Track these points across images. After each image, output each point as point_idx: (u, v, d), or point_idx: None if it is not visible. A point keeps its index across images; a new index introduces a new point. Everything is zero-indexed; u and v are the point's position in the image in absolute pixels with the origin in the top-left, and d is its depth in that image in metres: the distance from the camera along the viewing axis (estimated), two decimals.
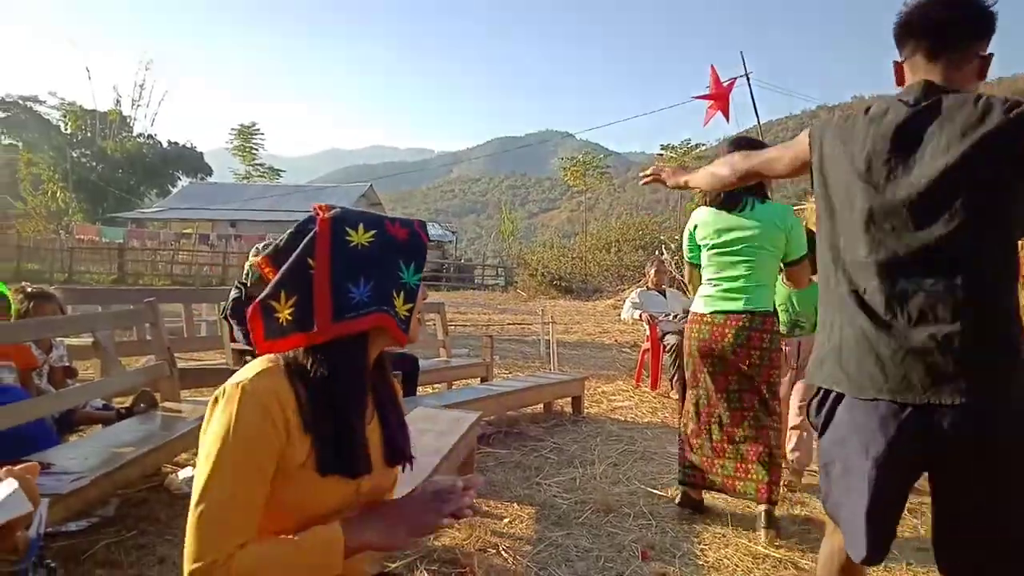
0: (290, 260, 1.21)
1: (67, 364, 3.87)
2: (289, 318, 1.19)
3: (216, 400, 1.13)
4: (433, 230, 40.74)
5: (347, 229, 1.21)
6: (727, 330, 3.23)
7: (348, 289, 1.19)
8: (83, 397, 3.60)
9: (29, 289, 3.86)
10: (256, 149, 53.61)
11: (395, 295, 1.21)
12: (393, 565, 2.61)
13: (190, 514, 1.07)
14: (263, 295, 1.21)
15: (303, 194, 39.04)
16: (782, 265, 3.39)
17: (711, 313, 3.30)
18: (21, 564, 1.98)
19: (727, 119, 10.26)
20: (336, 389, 1.18)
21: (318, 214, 1.24)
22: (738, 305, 3.24)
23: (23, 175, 38.37)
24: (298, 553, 1.10)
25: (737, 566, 2.87)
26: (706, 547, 3.06)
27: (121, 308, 5.08)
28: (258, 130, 53.26)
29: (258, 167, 53.49)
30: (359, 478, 1.21)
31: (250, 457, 1.09)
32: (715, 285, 3.33)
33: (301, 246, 1.22)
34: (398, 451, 1.32)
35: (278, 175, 55.15)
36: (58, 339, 3.84)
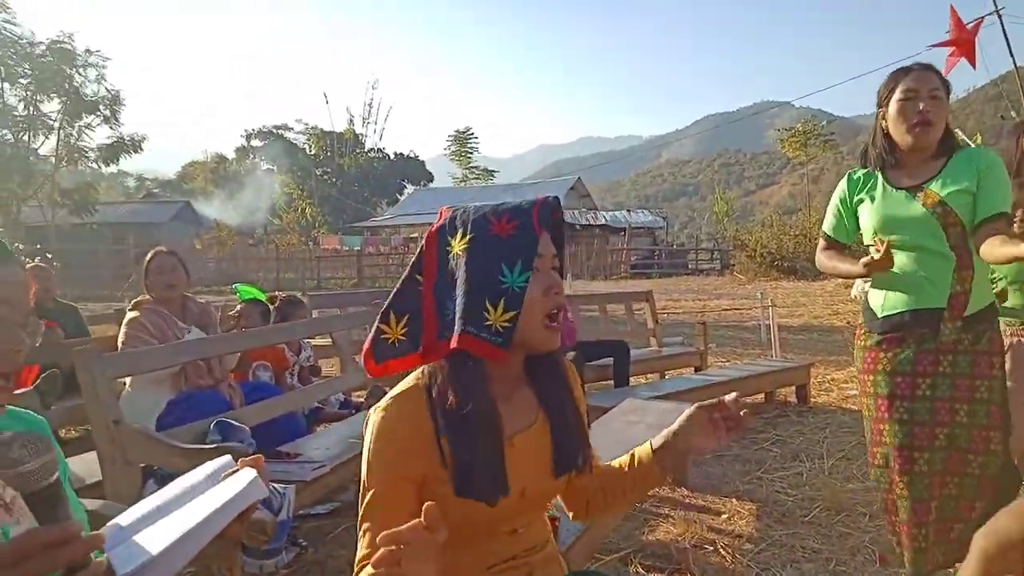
0: (401, 278, 1.20)
1: (313, 363, 4.34)
2: (402, 338, 1.18)
3: (366, 424, 1.18)
4: (642, 217, 40.28)
5: (448, 238, 1.17)
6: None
7: (446, 305, 1.15)
8: (324, 392, 4.01)
9: (281, 297, 4.39)
10: (471, 152, 56.48)
11: (489, 307, 1.12)
12: (606, 558, 2.61)
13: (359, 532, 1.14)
14: (377, 320, 1.21)
15: (514, 192, 40.44)
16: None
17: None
18: (273, 544, 2.26)
19: (973, 66, 8.88)
20: (457, 409, 1.12)
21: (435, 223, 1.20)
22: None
23: (277, 195, 43.75)
24: None
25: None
26: None
27: (355, 310, 5.60)
28: (472, 134, 56.11)
29: (473, 169, 56.33)
30: (496, 500, 1.14)
31: (394, 483, 1.12)
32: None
33: (412, 261, 1.20)
34: (566, 460, 1.25)
35: (492, 176, 57.67)
36: (305, 340, 4.32)
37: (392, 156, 54.78)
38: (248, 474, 0.97)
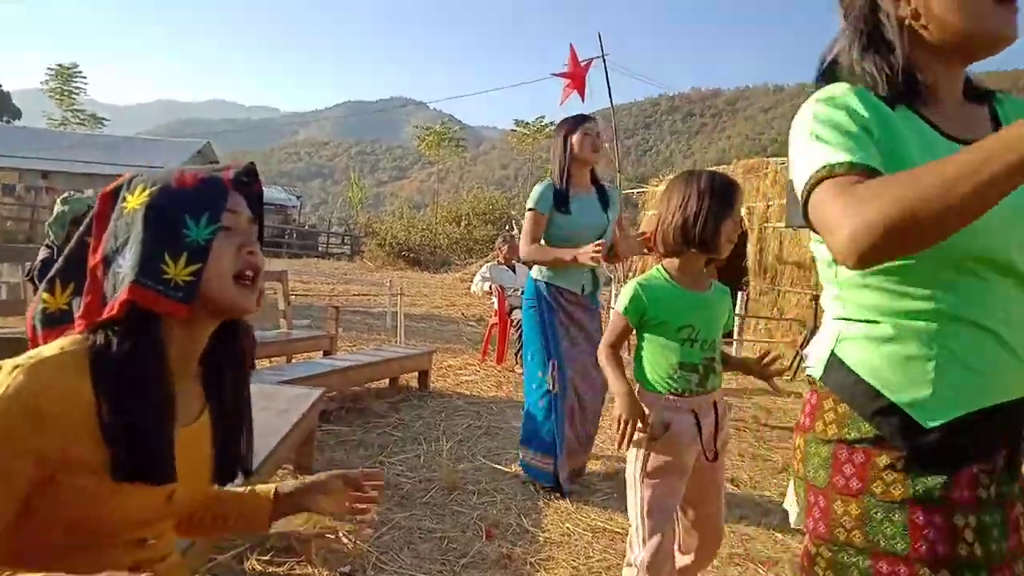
0: (69, 245, 1.07)
1: None
2: (65, 307, 1.05)
3: None
4: (275, 193, 38.80)
5: (125, 195, 1.04)
6: None
7: (118, 263, 1.01)
8: None
9: None
10: (77, 93, 48.42)
11: (168, 261, 0.99)
12: (220, 557, 2.42)
13: None
14: (40, 290, 1.07)
15: (131, 146, 35.47)
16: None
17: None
18: None
19: (582, 99, 10.40)
20: (127, 378, 0.97)
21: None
22: None
23: None
24: None
25: (578, 541, 2.93)
26: (549, 522, 3.09)
27: None
28: (80, 72, 48.07)
29: (78, 113, 48.36)
30: (165, 486, 1.00)
31: (9, 456, 0.89)
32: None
33: (82, 225, 1.07)
34: (230, 468, 1.13)
35: (101, 124, 50.15)
36: None
37: None
38: None
